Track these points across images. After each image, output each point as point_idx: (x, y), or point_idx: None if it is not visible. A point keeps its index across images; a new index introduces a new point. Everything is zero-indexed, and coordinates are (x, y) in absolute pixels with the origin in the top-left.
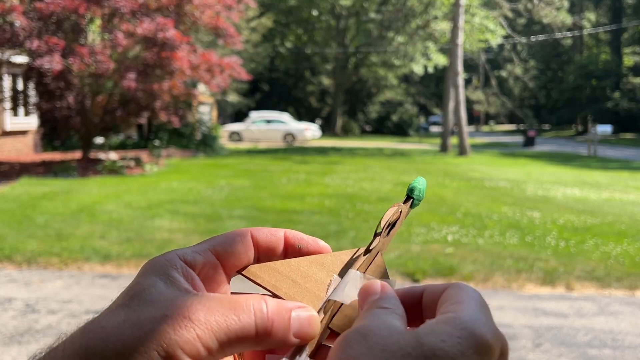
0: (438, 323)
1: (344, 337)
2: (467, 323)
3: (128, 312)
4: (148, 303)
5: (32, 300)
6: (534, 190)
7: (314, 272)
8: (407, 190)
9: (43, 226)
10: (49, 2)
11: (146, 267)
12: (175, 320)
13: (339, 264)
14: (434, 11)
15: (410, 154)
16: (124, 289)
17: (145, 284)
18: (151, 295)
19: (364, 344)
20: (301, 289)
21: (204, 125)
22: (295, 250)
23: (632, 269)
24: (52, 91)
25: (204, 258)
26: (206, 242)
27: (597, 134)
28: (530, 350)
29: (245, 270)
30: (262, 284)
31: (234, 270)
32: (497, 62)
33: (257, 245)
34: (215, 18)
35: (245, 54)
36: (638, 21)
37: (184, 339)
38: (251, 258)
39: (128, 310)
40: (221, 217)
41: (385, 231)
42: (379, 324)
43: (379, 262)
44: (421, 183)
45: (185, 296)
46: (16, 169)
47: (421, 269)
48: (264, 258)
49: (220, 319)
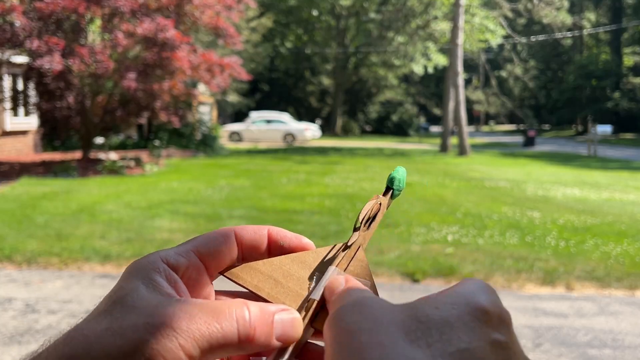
0: (431, 295)
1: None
2: (463, 293)
3: (110, 319)
4: (130, 310)
5: (32, 300)
6: (534, 190)
7: (296, 271)
8: (387, 181)
9: (43, 226)
10: (49, 2)
11: (129, 270)
12: (157, 329)
13: (321, 262)
14: (434, 11)
15: (410, 154)
16: (107, 293)
17: (127, 288)
18: (133, 301)
19: (357, 312)
20: (284, 288)
21: (204, 125)
22: (278, 247)
23: (632, 269)
24: (52, 91)
25: (187, 260)
26: (189, 243)
27: (597, 134)
28: (530, 350)
29: (228, 272)
30: (245, 285)
31: (218, 270)
32: (497, 62)
33: (241, 244)
34: (215, 18)
35: (245, 54)
36: (638, 21)
37: (166, 348)
38: (234, 258)
39: (110, 317)
40: (221, 217)
41: (365, 225)
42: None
43: (361, 257)
44: (400, 173)
45: (168, 302)
46: (16, 169)
47: (421, 268)
48: (248, 256)
49: (202, 327)
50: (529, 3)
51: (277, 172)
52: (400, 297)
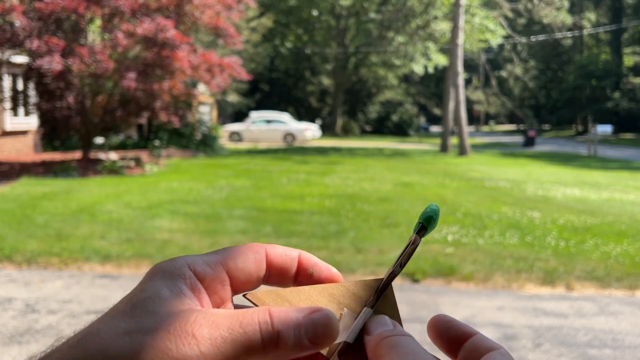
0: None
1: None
2: None
3: (129, 322)
4: (151, 315)
5: (32, 300)
6: (534, 190)
7: (324, 304)
8: (421, 218)
9: (43, 226)
10: (48, 2)
11: (154, 272)
12: (178, 337)
13: (349, 296)
14: (434, 11)
15: (410, 154)
16: (128, 294)
17: (150, 292)
18: (155, 306)
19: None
20: None
21: (204, 125)
22: (307, 276)
23: (632, 269)
24: (52, 91)
25: (214, 272)
26: (219, 254)
27: (597, 134)
28: (530, 350)
29: (251, 294)
30: None
31: (241, 288)
32: (497, 62)
33: (270, 265)
34: (215, 18)
35: (245, 54)
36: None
37: (186, 356)
38: (261, 277)
39: (130, 320)
40: (221, 217)
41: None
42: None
43: (390, 295)
44: (437, 213)
45: (190, 311)
46: (16, 169)
47: (421, 268)
48: (274, 278)
49: (225, 334)
50: (529, 3)
51: (277, 172)
52: (400, 297)
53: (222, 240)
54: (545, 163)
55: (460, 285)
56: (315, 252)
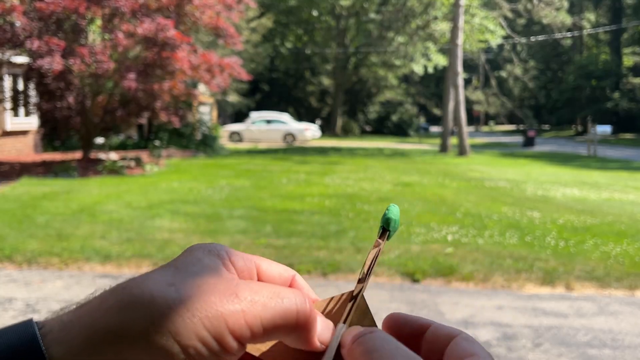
0: None
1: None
2: None
3: (175, 277)
4: (195, 275)
5: (32, 300)
6: (533, 190)
7: None
8: (381, 222)
9: (43, 226)
10: (49, 2)
11: (193, 247)
12: (222, 294)
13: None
14: (433, 11)
15: (410, 154)
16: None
17: (193, 259)
18: (198, 269)
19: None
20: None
21: (204, 125)
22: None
23: (632, 269)
24: (52, 91)
25: (245, 264)
26: (255, 256)
27: (597, 134)
28: (530, 350)
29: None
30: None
31: None
32: (497, 63)
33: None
34: (215, 18)
35: (245, 54)
36: (638, 21)
37: (229, 311)
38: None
39: (174, 276)
40: (221, 217)
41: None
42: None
43: (362, 304)
44: (395, 212)
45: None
46: (16, 169)
47: (421, 268)
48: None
49: (265, 300)
50: (528, 3)
51: (277, 172)
52: (400, 297)
53: (222, 240)
54: (545, 163)
55: (460, 285)
56: (315, 252)
